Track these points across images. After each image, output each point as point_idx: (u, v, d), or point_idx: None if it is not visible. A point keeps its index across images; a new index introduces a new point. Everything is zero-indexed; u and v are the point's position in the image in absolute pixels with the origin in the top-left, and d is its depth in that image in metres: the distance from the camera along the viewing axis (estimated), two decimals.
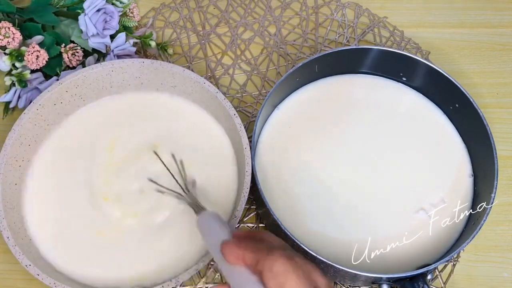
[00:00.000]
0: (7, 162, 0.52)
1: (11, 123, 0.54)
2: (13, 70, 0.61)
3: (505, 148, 0.64)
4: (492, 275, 0.57)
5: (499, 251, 0.58)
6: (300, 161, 0.58)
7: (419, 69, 0.59)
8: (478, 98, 0.64)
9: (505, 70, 0.69)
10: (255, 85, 0.67)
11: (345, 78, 0.63)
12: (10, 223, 0.50)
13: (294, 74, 0.58)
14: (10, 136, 0.53)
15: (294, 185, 0.56)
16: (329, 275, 0.53)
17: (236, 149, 0.56)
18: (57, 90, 0.56)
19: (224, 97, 0.55)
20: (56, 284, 0.47)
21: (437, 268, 0.56)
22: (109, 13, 0.62)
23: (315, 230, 0.54)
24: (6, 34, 0.58)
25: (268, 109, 0.59)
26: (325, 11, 0.73)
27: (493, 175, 0.53)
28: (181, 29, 0.71)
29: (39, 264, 0.49)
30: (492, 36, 0.72)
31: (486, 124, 0.55)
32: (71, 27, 0.65)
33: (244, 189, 0.51)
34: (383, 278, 0.49)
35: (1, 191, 0.50)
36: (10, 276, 0.55)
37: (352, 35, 0.71)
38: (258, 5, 0.73)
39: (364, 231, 0.54)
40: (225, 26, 0.71)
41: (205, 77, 0.66)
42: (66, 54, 0.61)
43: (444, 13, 0.74)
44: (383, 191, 0.57)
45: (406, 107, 0.62)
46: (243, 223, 0.58)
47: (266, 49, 0.70)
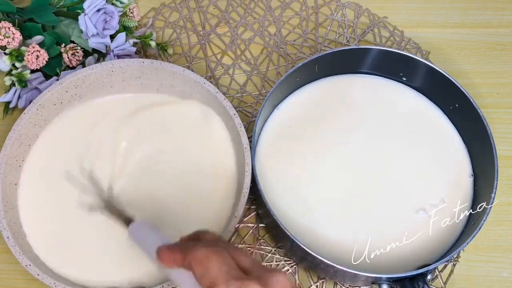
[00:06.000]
0: (7, 162, 0.52)
1: (11, 123, 0.54)
2: (13, 70, 0.61)
3: (505, 148, 0.64)
4: (492, 275, 0.57)
5: (499, 251, 0.58)
6: (300, 161, 0.58)
7: (419, 69, 0.59)
8: (478, 98, 0.64)
9: (505, 70, 0.69)
10: (255, 85, 0.67)
11: (345, 78, 0.63)
12: (10, 223, 0.50)
13: (294, 74, 0.58)
14: (10, 136, 0.53)
15: (294, 185, 0.56)
16: (329, 275, 0.53)
17: (236, 149, 0.56)
18: (57, 90, 0.56)
19: (224, 97, 0.55)
20: (56, 284, 0.47)
21: (437, 268, 0.56)
22: (109, 13, 0.62)
23: (315, 230, 0.54)
24: (6, 34, 0.58)
25: (268, 109, 0.59)
26: (325, 11, 0.73)
27: (493, 175, 0.53)
28: (181, 29, 0.71)
29: (39, 264, 0.49)
30: (492, 36, 0.72)
31: (486, 124, 0.55)
32: (71, 27, 0.65)
33: (244, 189, 0.51)
34: (383, 278, 0.49)
35: (1, 191, 0.50)
36: (10, 276, 0.55)
37: (352, 35, 0.71)
38: (258, 5, 0.73)
39: (364, 231, 0.54)
40: (225, 26, 0.71)
41: (205, 77, 0.66)
42: (66, 54, 0.61)
43: (444, 13, 0.74)
44: (383, 191, 0.57)
45: (406, 107, 0.62)
46: (243, 223, 0.58)
47: (266, 49, 0.70)
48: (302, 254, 0.50)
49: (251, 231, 0.58)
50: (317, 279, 0.56)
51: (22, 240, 0.50)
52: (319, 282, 0.56)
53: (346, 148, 0.59)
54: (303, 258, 0.52)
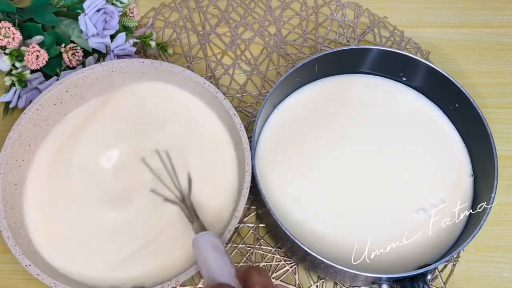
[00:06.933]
0: (7, 162, 0.52)
1: (11, 123, 0.54)
2: (13, 70, 0.61)
3: (505, 148, 0.64)
4: (492, 275, 0.57)
5: (499, 251, 0.58)
6: (300, 161, 0.58)
7: (419, 69, 0.59)
8: (478, 98, 0.64)
9: (505, 70, 0.69)
10: (255, 85, 0.67)
11: (345, 78, 0.63)
12: (10, 223, 0.50)
13: (294, 74, 0.58)
14: (10, 136, 0.53)
15: (294, 185, 0.56)
16: (329, 275, 0.53)
17: (236, 149, 0.56)
18: (57, 90, 0.56)
19: (224, 97, 0.55)
20: (56, 284, 0.47)
21: (437, 268, 0.57)
22: (109, 13, 0.62)
23: (315, 230, 0.54)
24: (6, 34, 0.58)
25: (268, 109, 0.59)
26: (325, 11, 0.73)
27: (493, 175, 0.53)
28: (181, 29, 0.71)
29: (39, 264, 0.49)
30: (492, 36, 0.72)
31: (486, 124, 0.55)
32: (71, 27, 0.65)
33: (244, 189, 0.51)
34: (383, 278, 0.49)
35: (1, 191, 0.50)
36: (10, 276, 0.55)
37: (352, 35, 0.71)
38: (258, 5, 0.73)
39: (364, 231, 0.54)
40: (225, 26, 0.71)
41: (205, 77, 0.66)
42: (66, 54, 0.61)
43: (444, 13, 0.74)
44: (383, 191, 0.57)
45: (406, 107, 0.62)
46: (243, 223, 0.58)
47: (266, 49, 0.70)
48: (302, 254, 0.50)
49: (251, 231, 0.58)
50: (317, 279, 0.56)
51: (22, 240, 0.50)
52: (319, 282, 0.56)
53: (346, 148, 0.59)
54: (303, 258, 0.52)
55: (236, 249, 0.57)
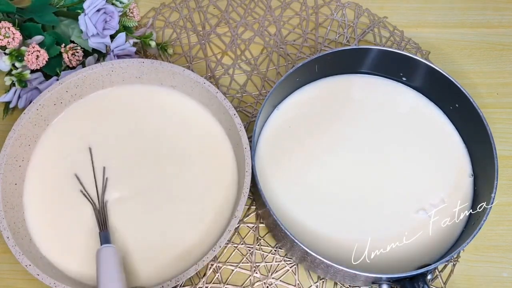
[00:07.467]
0: (7, 162, 0.52)
1: (11, 123, 0.54)
2: (13, 70, 0.61)
3: (505, 148, 0.64)
4: (492, 275, 0.57)
5: (499, 251, 0.58)
6: (300, 161, 0.58)
7: (419, 69, 0.59)
8: (478, 98, 0.64)
9: (505, 70, 0.69)
10: (255, 85, 0.67)
11: (345, 78, 0.63)
12: (10, 223, 0.50)
13: (294, 74, 0.58)
14: (10, 136, 0.53)
15: (294, 185, 0.56)
16: (329, 275, 0.53)
17: (236, 149, 0.56)
18: (57, 90, 0.56)
19: (224, 97, 0.55)
20: (56, 284, 0.47)
21: (437, 268, 0.57)
22: (109, 13, 0.62)
23: (315, 230, 0.54)
24: (6, 34, 0.58)
25: (268, 109, 0.59)
26: (325, 11, 0.73)
27: (493, 175, 0.53)
28: (181, 29, 0.71)
29: (39, 264, 0.49)
30: (492, 36, 0.72)
31: (486, 124, 0.55)
32: (71, 27, 0.65)
33: (244, 189, 0.51)
34: (383, 278, 0.49)
35: (1, 191, 0.50)
36: (10, 276, 0.55)
37: (352, 35, 0.71)
38: (258, 5, 0.73)
39: (364, 231, 0.54)
40: (225, 26, 0.71)
41: (205, 77, 0.66)
42: (66, 54, 0.61)
43: (444, 13, 0.74)
44: (383, 191, 0.57)
45: (406, 107, 0.62)
46: (243, 223, 0.58)
47: (266, 49, 0.70)
48: (302, 254, 0.50)
49: (251, 231, 0.58)
50: (317, 279, 0.56)
51: (22, 240, 0.50)
52: (319, 282, 0.56)
53: (346, 148, 0.59)
54: (303, 258, 0.52)
55: (236, 249, 0.57)
